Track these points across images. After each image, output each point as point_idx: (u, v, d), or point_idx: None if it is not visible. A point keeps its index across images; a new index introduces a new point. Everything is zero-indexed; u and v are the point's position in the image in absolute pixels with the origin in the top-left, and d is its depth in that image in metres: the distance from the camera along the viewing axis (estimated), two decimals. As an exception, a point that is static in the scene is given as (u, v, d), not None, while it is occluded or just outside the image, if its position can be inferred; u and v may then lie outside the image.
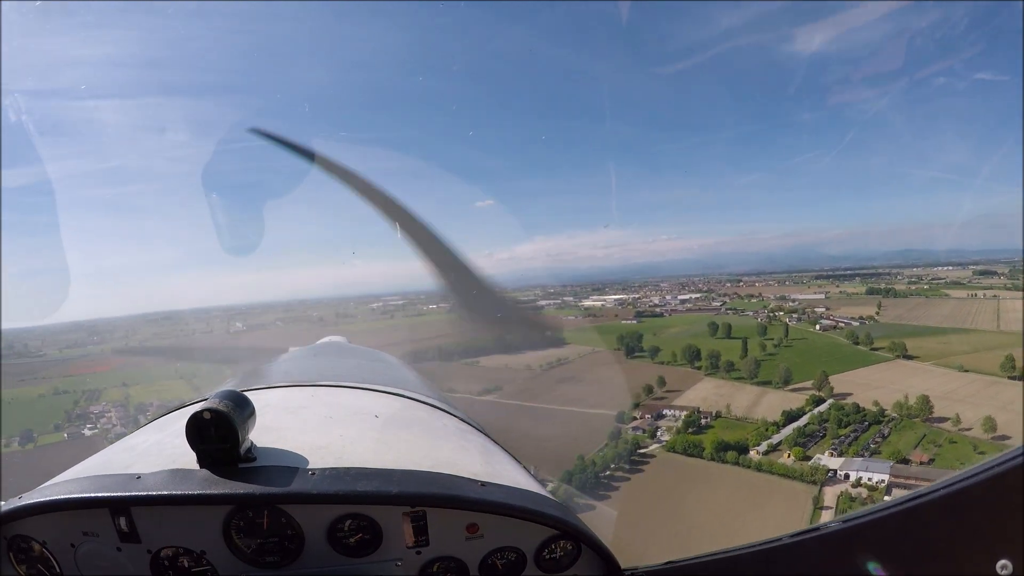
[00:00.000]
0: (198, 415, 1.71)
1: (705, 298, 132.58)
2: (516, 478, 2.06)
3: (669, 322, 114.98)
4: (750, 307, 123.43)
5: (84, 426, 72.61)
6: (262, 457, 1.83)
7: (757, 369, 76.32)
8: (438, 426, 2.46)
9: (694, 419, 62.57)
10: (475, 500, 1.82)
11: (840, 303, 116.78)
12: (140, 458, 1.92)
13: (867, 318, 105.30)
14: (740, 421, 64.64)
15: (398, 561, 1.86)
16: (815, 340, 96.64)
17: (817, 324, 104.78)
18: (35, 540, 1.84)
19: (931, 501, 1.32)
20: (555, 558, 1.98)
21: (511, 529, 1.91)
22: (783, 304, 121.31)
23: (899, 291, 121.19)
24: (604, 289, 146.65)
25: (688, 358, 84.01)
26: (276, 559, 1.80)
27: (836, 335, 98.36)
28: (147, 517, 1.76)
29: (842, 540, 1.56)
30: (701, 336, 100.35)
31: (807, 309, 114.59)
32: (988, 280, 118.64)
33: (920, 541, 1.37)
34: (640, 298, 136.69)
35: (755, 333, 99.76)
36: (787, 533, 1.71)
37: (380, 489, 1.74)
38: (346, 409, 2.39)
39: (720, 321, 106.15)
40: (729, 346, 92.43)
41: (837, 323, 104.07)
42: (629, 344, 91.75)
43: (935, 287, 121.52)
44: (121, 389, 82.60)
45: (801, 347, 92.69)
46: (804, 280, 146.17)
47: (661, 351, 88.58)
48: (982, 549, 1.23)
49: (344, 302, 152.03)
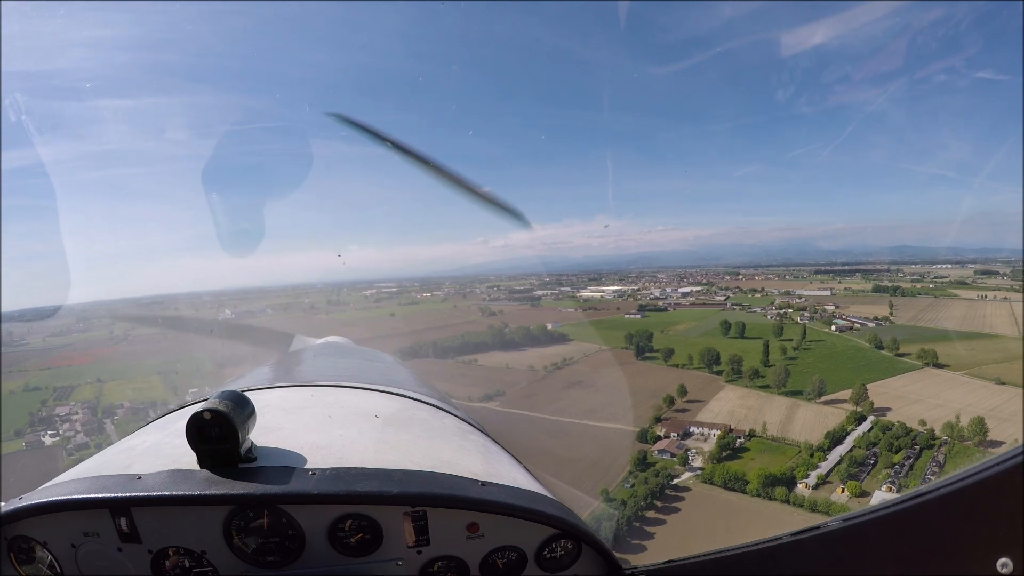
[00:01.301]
0: (198, 415, 1.68)
1: (706, 291, 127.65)
2: (516, 478, 2.03)
3: (674, 317, 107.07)
4: (755, 302, 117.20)
5: (45, 432, 63.94)
6: (262, 457, 1.80)
7: (786, 378, 67.25)
8: (438, 426, 2.39)
9: (728, 441, 53.18)
10: (475, 500, 1.79)
11: (847, 301, 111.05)
12: (140, 458, 1.89)
13: (882, 319, 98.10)
14: (777, 442, 55.54)
15: (399, 561, 1.82)
16: (834, 343, 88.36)
17: (832, 324, 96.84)
18: (36, 541, 1.81)
19: (931, 500, 1.30)
20: (556, 557, 1.94)
21: (511, 528, 1.87)
22: (790, 301, 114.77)
23: (906, 290, 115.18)
24: (601, 279, 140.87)
25: (706, 362, 74.68)
26: (277, 559, 1.76)
27: (854, 337, 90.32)
28: (148, 517, 1.73)
29: (842, 539, 1.52)
30: (713, 335, 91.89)
31: (816, 307, 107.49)
32: (993, 280, 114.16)
33: (920, 540, 1.35)
34: (639, 290, 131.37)
35: (770, 333, 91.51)
36: (787, 532, 1.66)
37: (381, 489, 1.72)
38: (346, 409, 2.33)
39: (727, 318, 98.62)
40: (744, 347, 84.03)
41: (853, 324, 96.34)
42: (639, 344, 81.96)
43: (941, 286, 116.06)
44: (96, 385, 75.28)
45: (821, 351, 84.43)
46: (803, 275, 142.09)
47: (675, 353, 78.96)
48: (982, 547, 1.21)
49: (337, 288, 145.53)
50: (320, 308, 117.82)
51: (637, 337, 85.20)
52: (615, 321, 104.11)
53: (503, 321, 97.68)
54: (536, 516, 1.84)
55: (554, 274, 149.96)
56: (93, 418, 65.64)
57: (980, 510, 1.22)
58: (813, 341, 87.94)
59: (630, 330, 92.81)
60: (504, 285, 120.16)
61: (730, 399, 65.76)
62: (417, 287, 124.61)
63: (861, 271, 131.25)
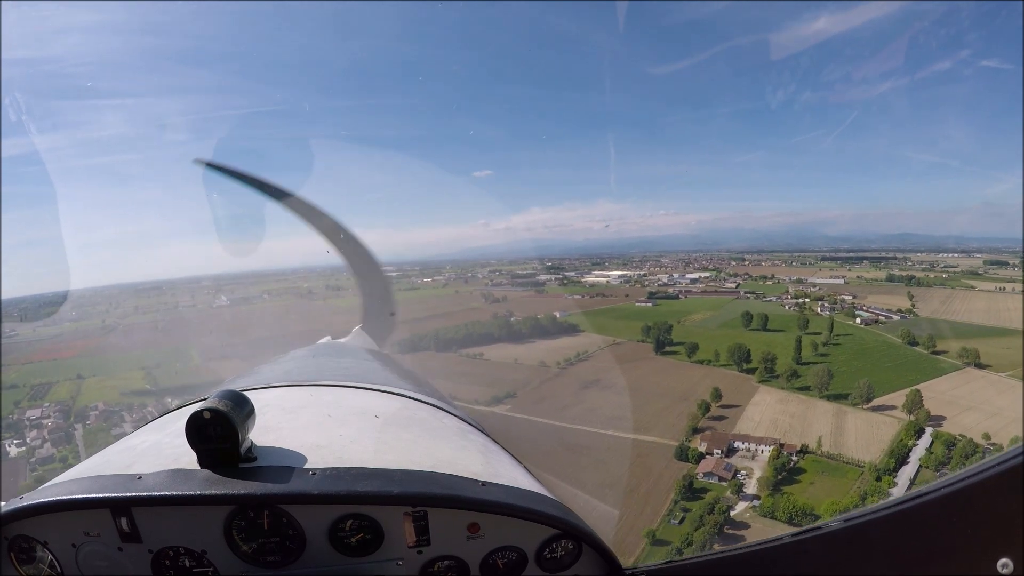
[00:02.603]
0: (198, 415, 1.66)
1: (715, 278, 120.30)
2: (517, 478, 2.00)
3: (687, 306, 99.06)
4: (767, 290, 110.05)
5: (11, 441, 57.70)
6: (262, 457, 1.77)
7: (829, 380, 59.00)
8: (438, 426, 2.35)
9: (783, 461, 44.69)
10: (476, 500, 1.76)
11: (862, 290, 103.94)
12: (140, 458, 1.87)
13: (905, 311, 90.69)
14: (833, 460, 47.37)
15: (399, 561, 1.79)
16: (863, 337, 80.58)
17: (857, 317, 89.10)
18: (36, 540, 1.79)
19: (931, 500, 1.29)
20: (556, 557, 1.91)
21: (512, 528, 1.84)
22: (804, 289, 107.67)
23: (920, 279, 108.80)
24: (605, 264, 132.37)
25: (735, 359, 66.11)
26: (277, 559, 1.73)
27: (882, 332, 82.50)
28: (148, 517, 1.71)
29: (843, 539, 1.50)
30: (733, 327, 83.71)
31: (835, 296, 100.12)
32: (1005, 271, 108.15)
33: (920, 540, 1.34)
34: (645, 275, 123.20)
35: (794, 325, 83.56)
36: (788, 532, 1.63)
37: (381, 489, 1.69)
38: (346, 409, 2.29)
39: (745, 308, 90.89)
40: (770, 341, 75.98)
41: (877, 316, 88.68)
42: (659, 338, 73.10)
43: (954, 276, 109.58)
44: (75, 383, 69.83)
45: (851, 346, 76.59)
46: (809, 261, 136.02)
47: (699, 348, 70.30)
48: (982, 548, 1.20)
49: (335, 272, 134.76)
50: (318, 293, 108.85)
51: (655, 329, 76.41)
52: (626, 310, 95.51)
53: (508, 309, 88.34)
54: (536, 516, 1.81)
55: (555, 258, 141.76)
56: (64, 423, 59.27)
57: (980, 510, 1.21)
58: (840, 335, 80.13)
59: (644, 320, 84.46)
60: (506, 269, 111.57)
61: (769, 404, 57.39)
62: (417, 271, 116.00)
63: (868, 259, 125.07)
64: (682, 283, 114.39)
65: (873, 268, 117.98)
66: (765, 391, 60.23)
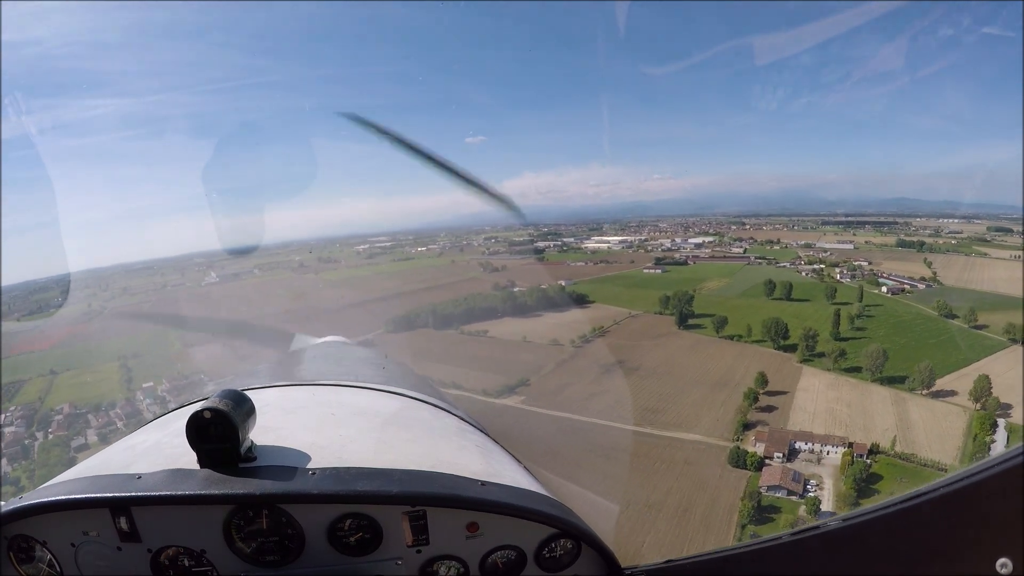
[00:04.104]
0: (198, 415, 1.65)
1: (719, 242, 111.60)
2: (516, 477, 1.99)
3: (697, 272, 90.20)
4: (777, 255, 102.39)
5: None
6: (262, 457, 1.76)
7: (884, 361, 50.38)
8: (438, 425, 2.33)
9: (859, 468, 36.03)
10: (475, 499, 1.75)
11: (875, 256, 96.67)
12: (140, 458, 1.86)
13: (929, 279, 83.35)
14: (909, 461, 39.11)
15: (398, 560, 1.78)
16: (894, 308, 72.53)
17: (882, 286, 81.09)
18: (36, 540, 1.77)
19: (931, 500, 1.26)
20: (555, 557, 1.89)
21: (511, 528, 1.82)
22: (816, 255, 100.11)
23: (932, 245, 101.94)
24: (602, 229, 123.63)
25: (771, 335, 56.95)
26: (276, 558, 1.72)
27: (914, 302, 74.63)
28: (148, 517, 1.69)
29: (842, 538, 1.47)
30: (755, 295, 74.79)
31: (851, 262, 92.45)
32: (1012, 238, 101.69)
33: (920, 539, 1.32)
34: (647, 240, 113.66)
35: (820, 295, 75.35)
36: (787, 531, 1.61)
37: (380, 489, 1.68)
38: (346, 408, 2.27)
39: (760, 275, 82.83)
40: (798, 311, 67.54)
41: (903, 285, 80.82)
42: (681, 310, 63.41)
43: (963, 243, 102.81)
44: (47, 379, 62.10)
45: (885, 319, 68.45)
46: (810, 225, 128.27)
47: (728, 323, 60.88)
48: (982, 547, 1.18)
49: (329, 243, 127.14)
50: (310, 267, 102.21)
51: (675, 300, 66.67)
52: (635, 276, 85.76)
53: (509, 278, 77.59)
54: (536, 516, 1.79)
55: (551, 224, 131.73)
56: (26, 431, 51.44)
57: (980, 510, 1.19)
58: (870, 305, 72.07)
59: (655, 288, 74.92)
60: (502, 236, 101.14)
61: (819, 390, 48.66)
62: (411, 240, 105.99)
63: (869, 223, 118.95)
64: (686, 248, 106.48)
65: (878, 233, 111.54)
66: (811, 374, 51.46)
